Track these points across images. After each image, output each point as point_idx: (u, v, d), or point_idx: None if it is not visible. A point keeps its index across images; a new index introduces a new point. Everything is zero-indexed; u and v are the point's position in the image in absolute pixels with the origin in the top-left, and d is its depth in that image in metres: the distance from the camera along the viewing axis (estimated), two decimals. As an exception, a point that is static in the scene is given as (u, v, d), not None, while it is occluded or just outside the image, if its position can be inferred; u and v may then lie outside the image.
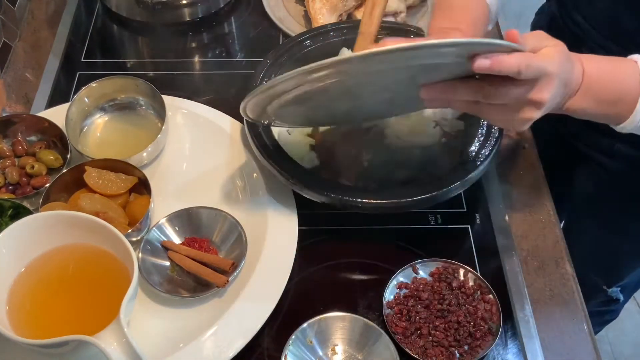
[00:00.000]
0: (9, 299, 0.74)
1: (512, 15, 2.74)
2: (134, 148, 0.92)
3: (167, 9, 1.17)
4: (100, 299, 0.75)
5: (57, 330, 0.71)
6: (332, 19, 1.11)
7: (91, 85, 0.96)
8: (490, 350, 0.79)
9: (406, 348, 0.78)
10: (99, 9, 1.22)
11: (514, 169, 0.99)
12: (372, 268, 0.88)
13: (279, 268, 0.84)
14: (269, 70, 0.97)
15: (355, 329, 0.79)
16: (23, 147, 0.93)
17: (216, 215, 0.87)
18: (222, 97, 1.06)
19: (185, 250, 0.84)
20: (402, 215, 0.92)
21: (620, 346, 1.86)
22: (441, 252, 0.88)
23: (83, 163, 0.87)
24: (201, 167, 0.96)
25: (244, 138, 0.96)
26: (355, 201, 0.83)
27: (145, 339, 0.76)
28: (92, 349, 0.66)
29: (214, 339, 0.78)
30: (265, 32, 1.18)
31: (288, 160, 0.87)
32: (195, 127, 0.99)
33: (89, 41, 1.16)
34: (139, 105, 1.00)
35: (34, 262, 0.77)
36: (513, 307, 0.84)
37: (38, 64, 1.12)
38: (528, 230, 0.93)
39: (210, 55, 1.16)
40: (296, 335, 0.78)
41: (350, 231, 0.91)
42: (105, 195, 0.86)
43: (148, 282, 0.81)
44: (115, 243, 0.76)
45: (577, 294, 0.86)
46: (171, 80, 1.10)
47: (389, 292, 0.83)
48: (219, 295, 0.82)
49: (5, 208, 0.83)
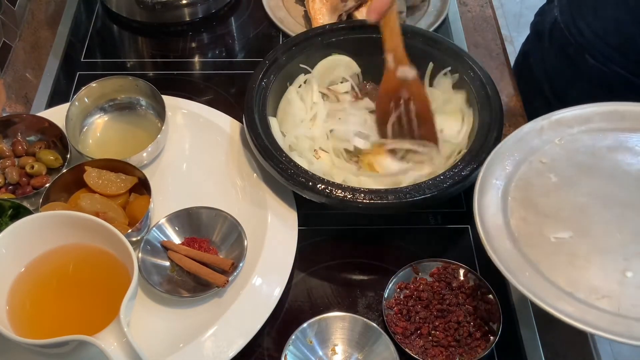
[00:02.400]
0: (9, 299, 0.74)
1: (512, 15, 2.75)
2: (134, 148, 0.92)
3: (167, 9, 1.17)
4: (100, 299, 0.75)
5: (57, 330, 0.71)
6: (332, 19, 1.11)
7: (91, 85, 0.96)
8: (490, 350, 0.79)
9: (406, 348, 0.78)
10: (99, 9, 1.22)
11: (514, 169, 0.99)
12: (372, 268, 0.88)
13: (279, 268, 0.84)
14: (268, 70, 0.97)
15: (355, 329, 0.79)
16: (23, 147, 0.93)
17: (216, 215, 0.87)
18: (222, 97, 1.07)
19: (185, 250, 0.84)
20: (402, 215, 0.92)
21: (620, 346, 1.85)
22: (441, 252, 0.88)
23: (83, 163, 0.87)
24: (201, 167, 0.96)
25: (244, 138, 0.96)
26: (354, 201, 0.83)
27: (145, 339, 0.76)
28: (92, 349, 0.66)
29: (214, 339, 0.78)
30: (265, 32, 1.18)
31: (288, 161, 0.87)
32: (195, 127, 0.99)
33: (89, 41, 1.16)
34: (139, 105, 1.00)
35: (34, 262, 0.77)
36: (513, 307, 0.84)
37: (38, 64, 1.12)
38: (528, 230, 0.92)
39: (210, 55, 1.16)
40: (296, 335, 0.78)
41: (350, 231, 0.91)
42: (105, 195, 0.86)
43: (148, 282, 0.81)
44: (115, 243, 0.76)
45: (577, 294, 0.86)
46: (171, 80, 1.10)
47: (389, 292, 0.83)
48: (219, 295, 0.82)
49: (5, 208, 0.83)
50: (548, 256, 0.73)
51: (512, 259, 0.72)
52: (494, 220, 0.76)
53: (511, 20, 2.74)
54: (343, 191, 0.83)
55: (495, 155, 0.81)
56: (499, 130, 0.89)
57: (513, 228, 0.75)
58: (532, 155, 0.81)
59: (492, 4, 1.25)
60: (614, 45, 0.95)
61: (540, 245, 0.74)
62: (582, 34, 0.98)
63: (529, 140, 0.83)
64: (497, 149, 0.81)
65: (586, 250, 0.72)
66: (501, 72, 1.13)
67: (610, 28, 0.95)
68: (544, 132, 0.83)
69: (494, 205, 0.77)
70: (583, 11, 0.98)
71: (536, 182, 0.79)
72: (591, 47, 0.98)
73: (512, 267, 0.71)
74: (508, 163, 0.81)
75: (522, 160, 0.81)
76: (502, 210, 0.77)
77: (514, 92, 1.10)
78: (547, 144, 0.82)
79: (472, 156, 0.87)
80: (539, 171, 0.80)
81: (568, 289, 0.69)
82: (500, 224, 0.75)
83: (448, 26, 1.18)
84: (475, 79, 0.96)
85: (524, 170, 0.80)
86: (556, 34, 1.08)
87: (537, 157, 0.81)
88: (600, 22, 0.96)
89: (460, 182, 0.84)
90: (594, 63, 1.01)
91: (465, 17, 1.22)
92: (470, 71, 0.97)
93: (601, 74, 1.00)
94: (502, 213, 0.76)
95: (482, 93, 0.94)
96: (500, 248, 0.73)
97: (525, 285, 0.69)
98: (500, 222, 0.76)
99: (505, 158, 0.81)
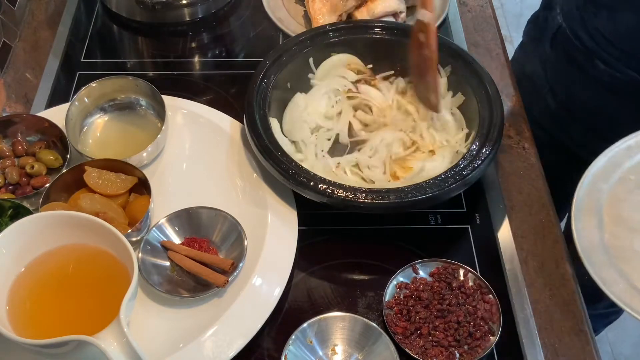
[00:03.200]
0: (9, 299, 0.74)
1: (512, 15, 2.75)
2: (134, 148, 0.92)
3: (167, 9, 1.17)
4: (100, 299, 0.75)
5: (57, 330, 0.71)
6: (332, 19, 1.11)
7: (91, 85, 0.96)
8: (490, 350, 0.79)
9: (406, 348, 0.78)
10: (99, 9, 1.22)
11: (514, 169, 0.99)
12: (372, 268, 0.88)
13: (279, 268, 0.84)
14: (268, 70, 0.97)
15: (355, 329, 0.79)
16: (23, 147, 0.93)
17: (216, 215, 0.87)
18: (222, 97, 1.07)
19: (185, 250, 0.84)
20: (402, 215, 0.92)
21: (620, 346, 1.86)
22: (441, 252, 0.88)
23: (83, 163, 0.87)
24: (201, 167, 0.96)
25: (244, 138, 0.96)
26: (355, 201, 0.83)
27: (145, 339, 0.77)
28: (92, 349, 0.66)
29: (214, 339, 0.78)
30: (265, 32, 1.18)
31: (288, 161, 0.87)
32: (195, 127, 0.99)
33: (89, 41, 1.16)
34: (139, 105, 1.00)
35: (34, 262, 0.77)
36: (513, 307, 0.84)
37: (38, 64, 1.12)
38: (528, 230, 0.92)
39: (210, 55, 1.16)
40: (296, 335, 0.78)
41: (350, 231, 0.91)
42: (105, 195, 0.86)
43: (148, 282, 0.81)
44: (115, 243, 0.76)
45: (577, 294, 0.86)
46: (171, 80, 1.10)
47: (389, 292, 0.83)
48: (219, 295, 0.82)
49: (5, 208, 0.83)
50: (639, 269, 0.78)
51: (606, 272, 0.78)
52: (591, 239, 0.81)
53: (511, 20, 2.74)
54: (343, 191, 0.83)
55: (587, 178, 0.86)
56: (500, 130, 0.90)
57: (606, 243, 0.81)
58: (621, 173, 0.87)
59: (492, 4, 1.25)
60: (628, 49, 0.95)
61: (632, 259, 0.80)
62: (593, 38, 0.98)
63: (618, 159, 0.88)
64: (587, 172, 0.86)
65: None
66: (501, 72, 1.13)
67: (625, 32, 0.94)
68: (632, 150, 0.88)
69: (589, 224, 0.83)
70: (598, 15, 0.97)
71: (626, 197, 0.85)
72: (602, 52, 0.97)
73: (608, 279, 0.77)
74: (601, 182, 0.86)
75: (613, 178, 0.86)
76: (597, 228, 0.82)
77: (514, 92, 1.10)
78: (636, 161, 0.87)
79: (473, 155, 0.87)
80: (629, 188, 0.85)
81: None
82: (596, 242, 0.81)
83: (448, 26, 1.18)
84: (476, 79, 0.96)
85: (614, 186, 0.85)
86: (560, 40, 1.08)
87: (627, 174, 0.87)
88: (614, 27, 0.95)
89: (461, 181, 0.84)
90: (604, 68, 1.00)
91: (465, 17, 1.22)
92: (471, 70, 0.97)
93: (612, 78, 1.00)
94: (598, 231, 0.82)
95: (482, 93, 0.94)
96: (597, 262, 0.79)
97: (618, 296, 0.76)
98: (597, 240, 0.81)
99: (597, 180, 0.86)
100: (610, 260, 0.80)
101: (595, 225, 0.83)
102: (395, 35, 1.02)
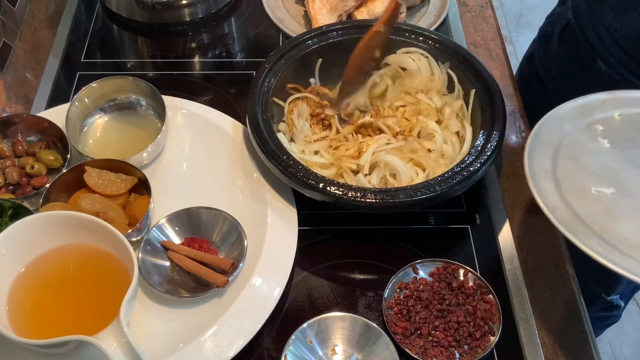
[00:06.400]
0: (9, 299, 0.74)
1: (512, 15, 2.75)
2: (134, 148, 0.92)
3: (167, 9, 1.17)
4: (100, 299, 0.75)
5: (57, 330, 0.71)
6: (332, 19, 1.11)
7: (91, 86, 0.96)
8: (490, 350, 0.79)
9: (406, 348, 0.78)
10: (98, 9, 1.22)
11: (514, 169, 0.99)
12: (372, 268, 0.88)
13: (279, 268, 0.84)
14: (269, 72, 0.97)
15: (355, 329, 0.79)
16: (23, 147, 0.93)
17: (216, 215, 0.87)
18: (222, 98, 1.07)
19: (185, 250, 0.84)
20: (402, 215, 0.92)
21: (620, 346, 1.86)
22: (441, 252, 0.88)
23: (83, 163, 0.87)
24: (201, 167, 0.96)
25: (244, 138, 0.96)
26: (355, 201, 0.83)
27: (145, 339, 0.77)
28: (92, 349, 0.66)
29: (214, 339, 0.78)
30: (265, 32, 1.18)
31: (288, 160, 0.87)
32: (195, 127, 0.99)
33: (89, 41, 1.16)
34: (139, 105, 1.00)
35: (34, 262, 0.77)
36: (513, 307, 0.84)
37: (38, 64, 1.12)
38: (528, 230, 0.93)
39: (210, 55, 1.17)
40: (296, 335, 0.78)
41: (350, 231, 0.91)
42: (105, 195, 0.86)
43: (148, 282, 0.81)
44: (115, 243, 0.76)
45: (577, 294, 0.86)
46: (171, 80, 1.10)
47: (389, 292, 0.83)
48: (219, 295, 0.82)
49: (5, 208, 0.83)
50: (586, 204, 0.77)
51: (552, 198, 0.76)
52: (542, 164, 0.80)
53: (511, 20, 2.74)
54: (343, 191, 0.83)
55: (554, 113, 0.85)
56: (502, 129, 0.89)
57: (558, 175, 0.79)
58: (590, 121, 0.86)
59: (492, 4, 1.25)
60: (632, 53, 0.94)
61: (581, 193, 0.78)
62: (600, 38, 0.98)
63: (590, 108, 0.87)
64: (556, 110, 0.86)
65: (624, 208, 0.76)
66: (501, 72, 1.13)
67: (631, 33, 0.94)
68: (606, 105, 0.87)
69: (544, 154, 0.81)
70: (606, 14, 0.97)
71: (589, 144, 0.84)
72: (606, 53, 0.97)
73: (552, 204, 0.75)
74: (566, 123, 0.85)
75: (580, 123, 0.86)
76: (551, 159, 0.81)
77: (514, 92, 1.10)
78: (607, 115, 0.87)
79: (477, 154, 0.87)
80: (594, 136, 0.85)
81: (601, 234, 0.72)
82: (547, 169, 0.79)
83: (448, 26, 1.18)
84: (477, 78, 0.96)
85: (580, 132, 0.85)
86: (567, 37, 1.08)
87: (595, 124, 0.86)
88: (622, 29, 0.95)
89: (460, 182, 0.84)
90: (605, 69, 1.00)
91: (465, 17, 1.22)
92: (472, 70, 0.97)
93: (612, 81, 1.00)
94: (551, 162, 0.81)
95: (483, 92, 0.94)
96: (544, 189, 0.77)
97: (560, 221, 0.72)
98: (548, 168, 0.80)
99: (563, 119, 0.85)
100: (558, 189, 0.78)
101: (549, 156, 0.81)
102: (396, 35, 1.02)
